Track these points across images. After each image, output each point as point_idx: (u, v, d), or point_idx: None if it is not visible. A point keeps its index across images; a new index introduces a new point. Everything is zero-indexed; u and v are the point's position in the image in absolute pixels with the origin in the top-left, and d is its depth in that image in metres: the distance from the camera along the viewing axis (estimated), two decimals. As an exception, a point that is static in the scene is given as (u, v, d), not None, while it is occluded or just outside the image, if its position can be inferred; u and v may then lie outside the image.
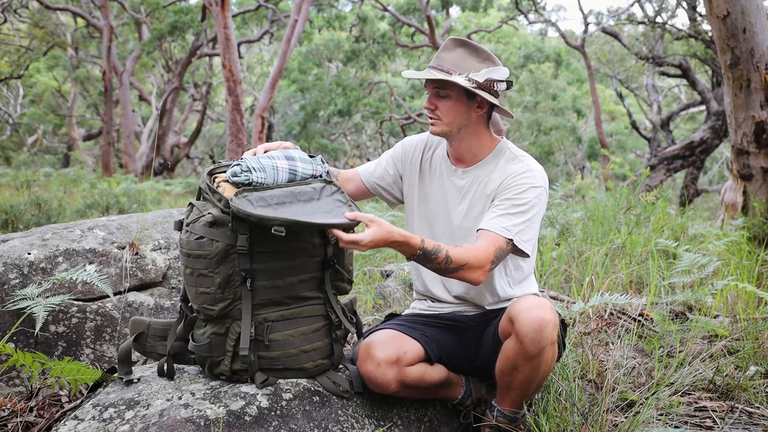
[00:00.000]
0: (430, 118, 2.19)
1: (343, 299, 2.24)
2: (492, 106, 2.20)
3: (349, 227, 1.92)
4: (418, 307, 2.37)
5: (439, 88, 2.16)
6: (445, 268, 2.00)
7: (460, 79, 2.10)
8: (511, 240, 2.06)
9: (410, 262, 2.40)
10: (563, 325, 2.20)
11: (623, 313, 3.27)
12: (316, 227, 1.95)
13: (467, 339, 2.24)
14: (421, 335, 2.16)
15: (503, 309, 2.18)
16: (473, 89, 2.10)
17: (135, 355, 2.64)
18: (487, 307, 2.26)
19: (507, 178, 2.15)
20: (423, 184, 2.33)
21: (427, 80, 2.17)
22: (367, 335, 2.19)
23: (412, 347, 2.11)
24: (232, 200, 1.89)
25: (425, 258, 1.99)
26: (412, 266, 2.40)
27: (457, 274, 2.01)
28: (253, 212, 1.85)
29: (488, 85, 2.13)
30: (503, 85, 2.15)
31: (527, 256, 2.13)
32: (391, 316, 2.38)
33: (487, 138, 2.24)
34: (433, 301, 2.34)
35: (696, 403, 2.48)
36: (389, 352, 2.06)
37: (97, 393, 2.07)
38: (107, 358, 2.65)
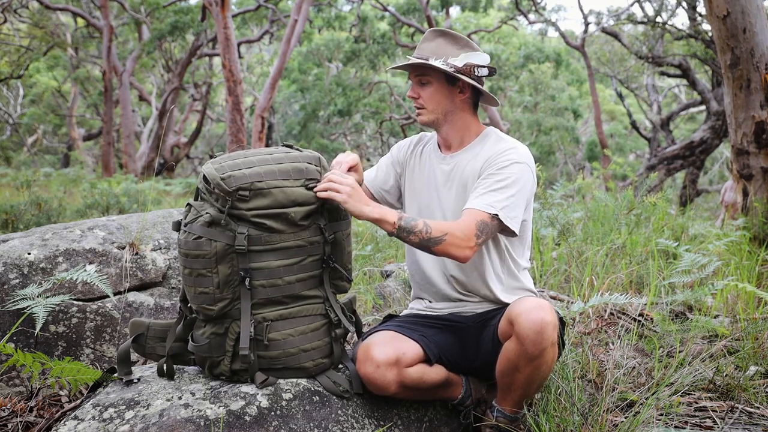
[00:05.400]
0: (416, 108, 2.24)
1: (342, 298, 2.24)
2: (477, 93, 2.25)
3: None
4: (416, 307, 2.37)
5: (420, 76, 2.21)
6: (428, 238, 2.00)
7: (438, 63, 2.15)
8: (497, 215, 2.06)
9: (408, 261, 2.41)
10: (562, 323, 2.19)
11: (623, 313, 3.27)
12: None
13: (466, 339, 2.24)
14: (419, 336, 2.16)
15: (501, 309, 2.18)
16: (452, 72, 2.14)
17: (135, 356, 2.64)
18: (488, 294, 2.23)
19: (490, 157, 2.18)
20: (413, 174, 2.36)
21: (411, 71, 2.22)
22: (366, 337, 2.19)
23: (411, 348, 2.11)
24: (205, 167, 1.97)
25: (406, 230, 2.01)
26: (408, 261, 2.39)
27: (441, 247, 2.01)
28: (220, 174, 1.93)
29: (468, 70, 2.17)
30: (484, 71, 2.18)
31: (514, 234, 2.12)
32: (389, 317, 2.38)
33: (474, 124, 2.28)
34: (430, 302, 2.34)
35: (696, 403, 2.48)
36: (388, 354, 2.05)
37: (97, 393, 2.07)
38: (107, 358, 2.65)
